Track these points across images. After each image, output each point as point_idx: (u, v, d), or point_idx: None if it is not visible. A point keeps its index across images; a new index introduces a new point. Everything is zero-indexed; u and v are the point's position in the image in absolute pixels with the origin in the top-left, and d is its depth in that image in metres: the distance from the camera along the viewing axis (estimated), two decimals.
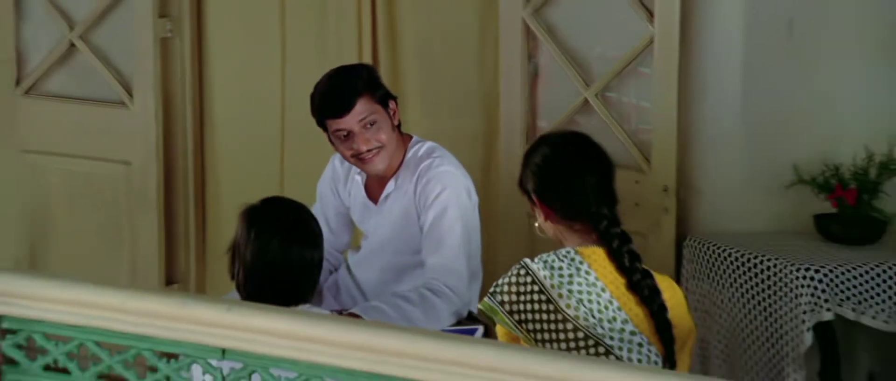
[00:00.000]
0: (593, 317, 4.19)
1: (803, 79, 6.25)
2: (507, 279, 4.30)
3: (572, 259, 4.28)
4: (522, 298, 4.27)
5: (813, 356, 5.77)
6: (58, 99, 7.22)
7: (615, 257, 4.30)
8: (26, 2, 7.06)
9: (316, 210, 5.31)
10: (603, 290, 4.24)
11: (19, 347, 3.31)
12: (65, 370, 3.32)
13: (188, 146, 7.17)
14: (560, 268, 4.26)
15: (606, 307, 4.22)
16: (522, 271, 4.27)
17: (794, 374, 5.62)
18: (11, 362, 3.33)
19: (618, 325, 4.20)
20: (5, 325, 3.32)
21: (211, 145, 7.23)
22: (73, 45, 7.12)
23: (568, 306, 4.19)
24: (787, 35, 6.23)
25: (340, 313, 5.08)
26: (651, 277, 4.34)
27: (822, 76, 6.24)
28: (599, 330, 4.13)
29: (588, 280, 4.24)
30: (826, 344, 5.80)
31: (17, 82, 7.17)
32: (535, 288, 4.25)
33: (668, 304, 4.41)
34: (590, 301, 4.23)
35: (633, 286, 4.26)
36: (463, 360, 3.03)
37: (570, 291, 4.22)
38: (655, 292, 4.28)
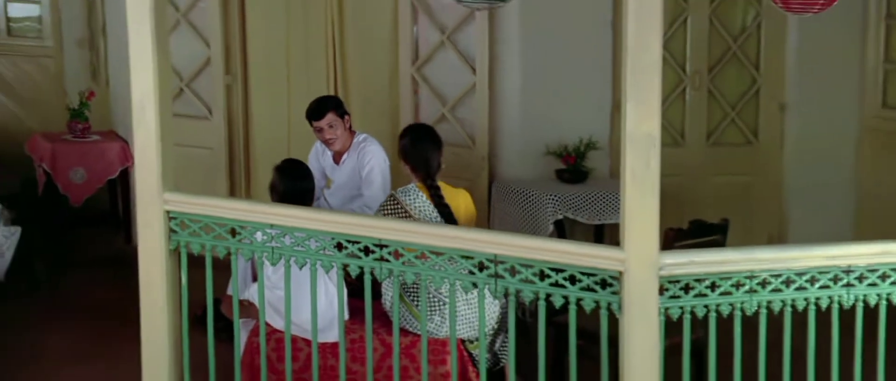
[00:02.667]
0: (426, 216, 4.45)
1: (550, 100, 6.28)
2: (384, 203, 4.53)
3: (414, 190, 4.51)
4: (393, 212, 4.46)
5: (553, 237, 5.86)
6: (175, 117, 7.11)
7: (431, 191, 4.52)
8: None
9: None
10: (427, 202, 4.49)
11: (178, 224, 3.49)
12: (197, 234, 3.49)
13: (240, 141, 7.06)
14: (408, 194, 4.49)
15: (430, 211, 4.47)
16: (392, 199, 4.50)
17: None
18: (174, 231, 3.48)
19: (434, 218, 4.45)
20: (172, 215, 3.48)
21: (252, 140, 7.09)
22: (181, 89, 7.04)
23: (413, 211, 4.44)
24: (544, 78, 6.26)
25: None
26: (442, 198, 4.49)
27: (562, 99, 6.28)
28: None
29: (421, 199, 4.49)
30: (560, 231, 5.96)
31: None
32: (399, 206, 4.45)
33: (464, 204, 4.63)
34: (423, 209, 4.47)
35: (436, 201, 4.49)
36: (370, 223, 3.32)
37: (414, 205, 4.45)
38: (446, 205, 4.49)
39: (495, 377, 4.43)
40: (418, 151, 4.63)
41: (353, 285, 3.85)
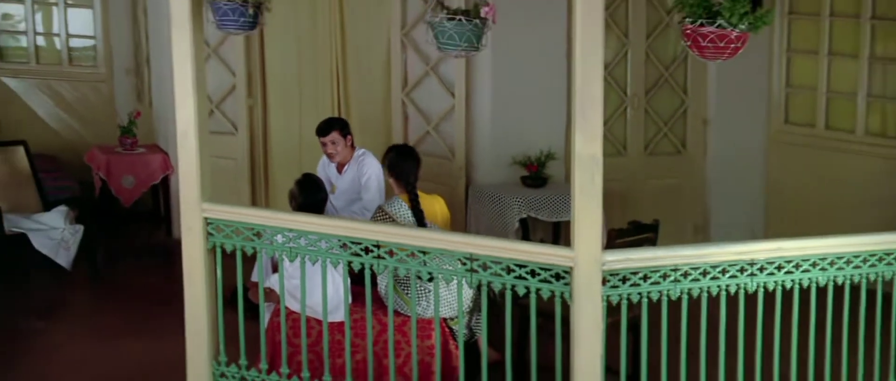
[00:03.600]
0: (407, 221, 4.42)
1: (516, 118, 6.18)
2: (374, 215, 4.54)
3: (397, 201, 4.50)
4: (381, 220, 4.43)
5: (518, 234, 5.87)
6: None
7: (411, 200, 4.50)
8: None
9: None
10: (408, 210, 4.46)
11: (214, 228, 3.51)
12: (229, 237, 3.51)
13: (260, 153, 6.90)
14: (393, 205, 4.48)
15: (409, 216, 4.46)
16: (380, 210, 4.52)
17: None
18: (211, 234, 3.52)
19: (410, 221, 4.44)
20: (209, 221, 3.49)
21: (270, 152, 6.92)
22: (212, 110, 6.83)
23: (397, 218, 4.41)
24: (511, 100, 6.16)
25: None
26: (418, 204, 4.45)
27: (526, 118, 6.18)
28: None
29: (404, 208, 4.46)
30: (524, 228, 5.91)
31: None
32: (386, 216, 4.43)
33: (439, 208, 4.63)
34: (404, 216, 4.45)
35: (413, 207, 4.47)
36: (370, 228, 3.39)
37: (398, 213, 4.43)
38: (420, 210, 4.47)
39: (471, 348, 4.45)
40: (403, 165, 4.63)
41: (355, 276, 3.83)
